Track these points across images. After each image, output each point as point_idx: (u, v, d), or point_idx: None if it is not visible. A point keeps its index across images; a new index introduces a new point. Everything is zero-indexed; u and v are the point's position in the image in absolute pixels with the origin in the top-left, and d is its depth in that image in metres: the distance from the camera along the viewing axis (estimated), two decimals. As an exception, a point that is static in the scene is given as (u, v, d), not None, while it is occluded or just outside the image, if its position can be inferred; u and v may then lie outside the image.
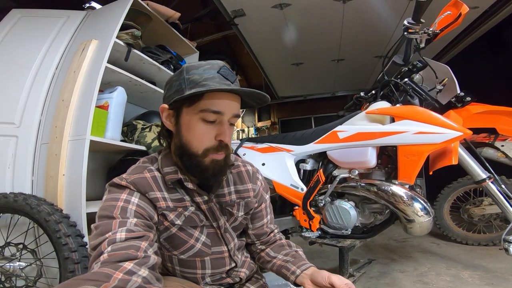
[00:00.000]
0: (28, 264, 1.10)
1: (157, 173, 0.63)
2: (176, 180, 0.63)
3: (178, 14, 1.82)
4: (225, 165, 0.63)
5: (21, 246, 1.11)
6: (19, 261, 1.10)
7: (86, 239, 1.09)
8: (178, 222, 0.61)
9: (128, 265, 0.45)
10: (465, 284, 1.36)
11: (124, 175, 0.62)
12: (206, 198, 0.65)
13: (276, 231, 0.81)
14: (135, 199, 0.58)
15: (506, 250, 1.17)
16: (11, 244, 1.13)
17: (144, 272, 0.46)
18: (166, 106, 0.63)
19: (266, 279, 0.82)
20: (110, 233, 0.51)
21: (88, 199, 1.24)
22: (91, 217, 1.18)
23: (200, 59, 2.30)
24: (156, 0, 1.75)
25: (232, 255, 0.70)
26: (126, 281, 0.43)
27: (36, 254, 1.14)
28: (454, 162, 1.22)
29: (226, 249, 0.68)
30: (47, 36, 1.52)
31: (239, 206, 0.72)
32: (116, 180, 0.60)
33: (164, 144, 0.69)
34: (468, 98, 1.21)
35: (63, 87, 1.36)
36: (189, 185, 0.63)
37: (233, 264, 0.70)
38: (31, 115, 1.40)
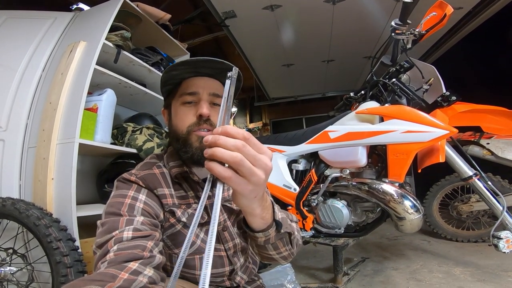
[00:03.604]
0: (19, 268, 1.08)
1: (164, 170, 0.65)
2: (181, 174, 0.64)
3: (168, 16, 1.81)
4: None
5: (10, 251, 1.09)
6: (9, 265, 1.08)
7: (77, 243, 1.07)
8: (184, 219, 0.61)
9: (134, 265, 0.45)
10: (457, 281, 1.37)
11: (133, 171, 0.63)
12: (210, 193, 0.65)
13: None
14: (142, 196, 0.58)
15: (496, 246, 1.19)
16: (0, 249, 1.11)
17: (149, 271, 0.46)
18: (163, 108, 0.70)
19: (263, 280, 0.81)
20: (117, 232, 0.50)
21: (78, 203, 1.21)
22: (81, 222, 1.17)
23: (191, 61, 2.29)
24: (146, 2, 1.73)
25: (231, 256, 0.68)
26: (131, 281, 0.43)
27: (27, 259, 1.12)
28: (442, 160, 1.25)
29: (223, 248, 0.67)
30: (33, 38, 1.49)
31: None
32: (125, 175, 0.61)
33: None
34: (454, 98, 1.25)
35: (50, 90, 1.33)
36: (195, 177, 0.64)
37: (232, 267, 0.69)
38: (17, 118, 1.36)
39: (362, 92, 1.64)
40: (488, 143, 1.70)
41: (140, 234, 0.51)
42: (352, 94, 1.70)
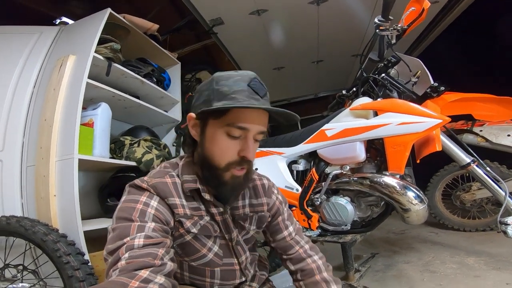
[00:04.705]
0: (32, 284, 1.09)
1: (177, 179, 0.63)
2: (194, 189, 0.63)
3: (156, 26, 1.81)
4: (245, 181, 0.64)
5: (21, 267, 1.11)
6: (21, 282, 1.10)
7: (87, 256, 1.08)
8: (194, 230, 0.61)
9: (144, 273, 0.45)
10: (473, 270, 1.35)
11: (145, 178, 0.62)
12: (221, 210, 0.65)
13: (306, 246, 0.77)
14: (154, 202, 0.58)
15: (505, 232, 1.18)
16: (10, 265, 1.12)
17: (160, 279, 0.47)
18: (193, 115, 0.62)
19: (274, 282, 0.82)
20: (128, 238, 0.50)
21: (83, 218, 1.21)
22: (88, 236, 1.17)
23: (181, 70, 2.30)
24: (133, 13, 1.73)
25: (243, 268, 0.69)
26: None
27: (38, 275, 1.13)
28: (438, 148, 1.28)
29: (237, 261, 0.68)
30: (21, 53, 1.48)
31: (251, 220, 0.72)
32: (137, 181, 0.60)
33: (183, 151, 0.69)
34: (442, 88, 1.28)
35: (44, 106, 1.32)
36: (206, 196, 0.63)
37: (243, 278, 0.70)
38: (13, 137, 1.35)
39: (354, 89, 1.67)
40: (481, 130, 1.72)
41: (152, 242, 0.51)
42: (344, 92, 1.72)
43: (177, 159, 0.69)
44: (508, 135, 1.65)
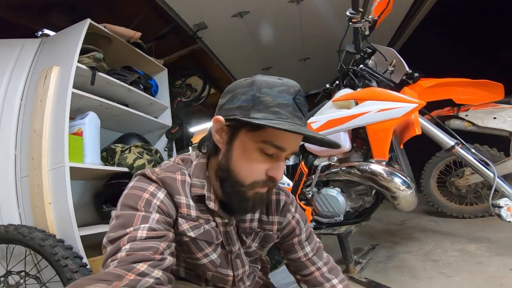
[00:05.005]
0: None
1: (188, 179, 0.59)
2: (199, 196, 0.59)
3: (138, 34, 1.84)
4: (266, 198, 0.60)
5: (23, 273, 1.14)
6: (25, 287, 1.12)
7: (85, 260, 1.11)
8: (191, 234, 0.58)
9: (142, 267, 0.44)
10: (475, 257, 1.32)
11: (156, 169, 0.59)
12: (226, 221, 0.62)
13: (324, 269, 0.71)
14: (161, 194, 0.55)
15: (499, 216, 1.18)
16: (12, 272, 1.15)
17: (157, 273, 0.46)
18: (222, 119, 0.55)
19: (274, 278, 0.81)
20: (131, 229, 0.49)
21: (80, 226, 1.25)
22: (87, 242, 1.21)
23: (171, 76, 2.33)
24: (116, 21, 1.76)
25: (237, 281, 0.66)
26: (137, 281, 0.43)
27: (40, 280, 1.15)
28: (418, 132, 1.32)
29: (232, 274, 0.65)
30: (5, 67, 1.51)
31: (255, 236, 0.68)
32: (147, 171, 0.58)
33: (199, 151, 0.64)
34: (417, 74, 1.32)
35: (32, 118, 1.35)
36: (211, 205, 0.58)
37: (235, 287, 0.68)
38: (5, 151, 1.39)
39: (337, 82, 1.72)
40: (467, 115, 1.76)
41: (155, 234, 0.50)
42: (328, 85, 1.77)
43: (192, 156, 0.64)
44: (494, 118, 1.69)
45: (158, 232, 0.50)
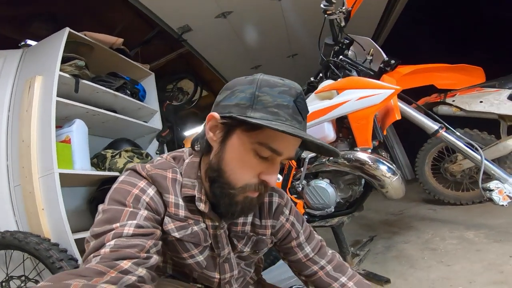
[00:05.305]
0: None
1: (179, 177, 0.57)
2: (190, 197, 0.57)
3: (120, 40, 1.86)
4: (256, 203, 0.57)
5: (23, 277, 1.19)
6: None
7: (80, 262, 1.13)
8: (176, 234, 0.56)
9: (126, 264, 0.43)
10: (473, 244, 1.30)
11: (147, 165, 0.57)
12: (216, 223, 0.59)
13: (329, 267, 0.68)
14: (151, 191, 0.54)
15: (491, 199, 1.17)
16: (13, 277, 1.20)
17: (141, 271, 0.44)
18: (217, 116, 0.52)
19: (271, 274, 0.81)
20: (117, 224, 0.47)
21: (74, 231, 1.28)
22: (81, 247, 1.23)
23: (161, 81, 2.34)
24: (100, 29, 1.78)
25: (223, 284, 0.64)
26: (119, 279, 0.41)
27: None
28: (398, 117, 1.34)
29: (218, 277, 0.63)
30: (-11, 79, 1.52)
31: (248, 241, 0.65)
32: (138, 167, 0.56)
33: (192, 148, 0.62)
34: (393, 61, 1.35)
35: (20, 128, 1.38)
36: (201, 206, 0.56)
37: None
38: (-2, 162, 1.42)
39: (321, 74, 1.74)
40: (453, 101, 1.78)
41: (142, 232, 0.48)
42: (312, 78, 1.79)
43: (185, 154, 0.62)
44: (481, 102, 1.72)
45: (145, 230, 0.49)
